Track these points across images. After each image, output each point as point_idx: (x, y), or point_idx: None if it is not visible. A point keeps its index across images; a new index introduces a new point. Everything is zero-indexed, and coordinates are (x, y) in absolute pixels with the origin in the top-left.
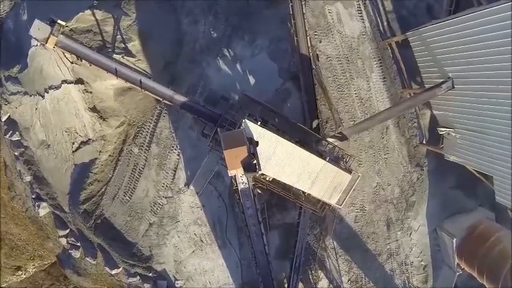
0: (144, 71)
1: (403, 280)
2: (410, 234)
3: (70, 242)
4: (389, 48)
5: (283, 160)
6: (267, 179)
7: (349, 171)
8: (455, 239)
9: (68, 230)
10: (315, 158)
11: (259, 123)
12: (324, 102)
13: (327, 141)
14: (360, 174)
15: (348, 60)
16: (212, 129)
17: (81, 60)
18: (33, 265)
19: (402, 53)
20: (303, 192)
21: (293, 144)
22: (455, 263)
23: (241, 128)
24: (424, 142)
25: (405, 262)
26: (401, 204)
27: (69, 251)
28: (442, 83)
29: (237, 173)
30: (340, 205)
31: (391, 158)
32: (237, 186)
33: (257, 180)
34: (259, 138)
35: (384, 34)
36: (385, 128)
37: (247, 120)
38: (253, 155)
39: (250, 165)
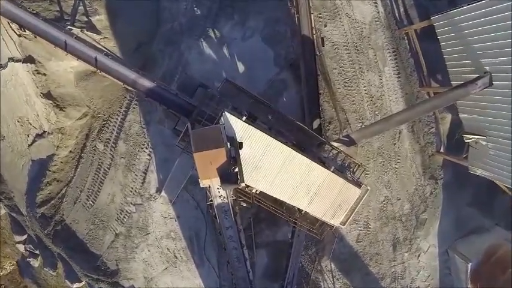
0: (107, 49)
1: None
2: (419, 256)
3: (28, 249)
4: (406, 38)
5: (275, 169)
6: (254, 190)
7: (359, 184)
8: (470, 264)
9: (25, 236)
10: (317, 166)
11: (244, 118)
12: (327, 99)
13: (331, 145)
14: (369, 188)
15: (358, 50)
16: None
17: (34, 36)
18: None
19: (421, 44)
20: (298, 209)
21: (289, 148)
22: None
23: (220, 123)
24: (441, 151)
25: (410, 286)
26: (410, 222)
27: (28, 259)
28: (477, 78)
29: (212, 184)
30: (343, 225)
31: (403, 168)
32: (211, 200)
33: (240, 192)
34: (244, 139)
35: (400, 22)
36: (398, 133)
37: (228, 113)
38: (234, 160)
39: (230, 174)
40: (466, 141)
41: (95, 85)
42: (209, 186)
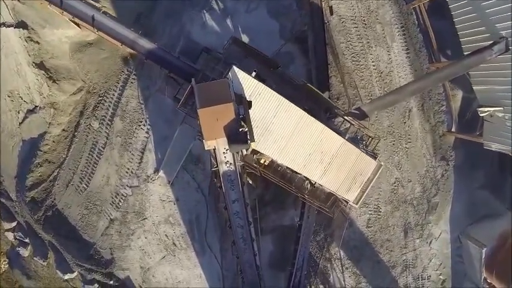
0: (105, 7)
1: None
2: (431, 242)
3: (17, 237)
4: (414, 13)
5: (286, 133)
6: (262, 161)
7: (374, 155)
8: (484, 249)
9: (15, 223)
10: (331, 133)
11: (254, 74)
12: (335, 73)
13: (342, 117)
14: (382, 163)
15: (365, 24)
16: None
17: None
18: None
19: (430, 19)
20: (310, 183)
21: (302, 111)
22: (482, 278)
23: (227, 78)
24: (453, 130)
25: (422, 276)
26: (422, 206)
27: (17, 249)
28: (493, 44)
29: (218, 145)
30: (356, 204)
31: (413, 149)
32: (217, 166)
33: (246, 164)
34: (254, 97)
35: None
36: (408, 111)
37: (236, 68)
38: (243, 119)
39: (238, 135)
40: (481, 114)
41: (91, 58)
42: (214, 150)
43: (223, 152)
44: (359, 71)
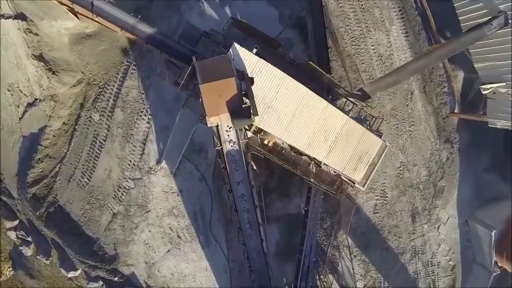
0: None
1: (427, 284)
2: (439, 227)
3: (20, 236)
4: None
5: (289, 110)
6: (265, 142)
7: (379, 134)
8: (494, 232)
9: (17, 221)
10: (335, 110)
11: (255, 50)
12: (335, 58)
13: (346, 97)
14: (387, 144)
15: (363, 9)
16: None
17: None
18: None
19: (429, 2)
20: (316, 163)
21: (304, 87)
22: (493, 261)
23: (229, 54)
24: (456, 111)
25: (431, 262)
26: (428, 190)
27: (20, 248)
28: (492, 18)
29: (221, 122)
30: (363, 186)
31: (417, 131)
32: (220, 145)
33: (250, 147)
34: (255, 74)
35: None
36: (410, 93)
37: (237, 45)
38: (245, 95)
39: (241, 109)
40: (483, 92)
41: (90, 49)
42: (217, 127)
43: (226, 130)
44: (359, 55)
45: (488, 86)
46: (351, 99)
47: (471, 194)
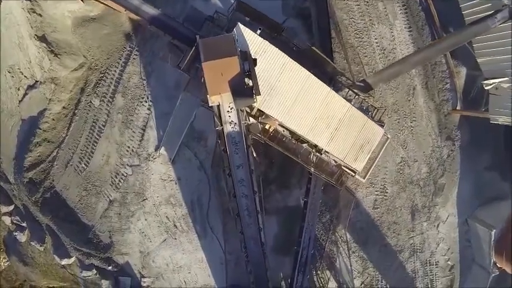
0: None
1: (425, 283)
2: (438, 226)
3: (15, 221)
4: None
5: (292, 94)
6: (266, 127)
7: (381, 124)
8: (494, 231)
9: (12, 207)
10: (337, 97)
11: (259, 31)
12: (338, 50)
13: (348, 87)
14: (389, 136)
15: (367, 2)
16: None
17: None
18: (4, 257)
19: None
20: (317, 151)
21: (307, 72)
22: (492, 262)
23: (233, 34)
24: (458, 108)
25: (430, 261)
26: (428, 188)
27: (14, 234)
28: (496, 12)
29: (223, 101)
30: (364, 178)
31: (419, 127)
32: (221, 126)
33: (251, 133)
34: (259, 55)
35: None
36: (412, 88)
37: (241, 25)
38: (248, 74)
39: (244, 89)
40: (486, 88)
41: (93, 33)
42: (218, 107)
43: (228, 111)
44: (362, 47)
45: (491, 81)
46: (353, 89)
47: (471, 192)
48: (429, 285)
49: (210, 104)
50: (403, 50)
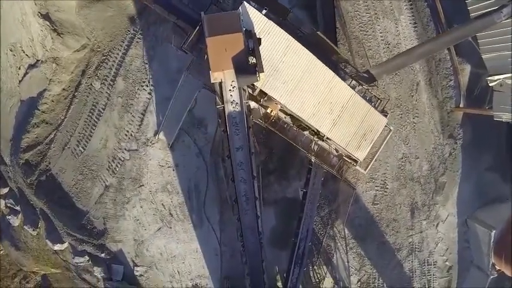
0: None
1: (422, 283)
2: (437, 225)
3: (9, 204)
4: None
5: (295, 76)
6: (269, 111)
7: (385, 113)
8: (494, 231)
9: (7, 189)
10: (341, 82)
11: (264, 11)
12: (342, 42)
13: (352, 77)
14: (391, 128)
15: None
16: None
17: None
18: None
19: None
20: (318, 137)
21: (311, 54)
22: (490, 264)
23: (238, 12)
24: (461, 105)
25: (428, 261)
26: (429, 185)
27: (8, 217)
28: (502, 6)
29: (225, 79)
30: (365, 170)
31: (421, 124)
32: (222, 105)
33: (252, 117)
34: (263, 34)
35: None
36: (415, 84)
37: (247, 4)
38: (252, 52)
39: (247, 66)
40: (490, 84)
41: (97, 15)
42: (220, 84)
43: (230, 90)
44: (367, 40)
45: (496, 77)
46: (357, 79)
47: (472, 193)
48: (427, 286)
49: (212, 81)
50: (408, 46)
